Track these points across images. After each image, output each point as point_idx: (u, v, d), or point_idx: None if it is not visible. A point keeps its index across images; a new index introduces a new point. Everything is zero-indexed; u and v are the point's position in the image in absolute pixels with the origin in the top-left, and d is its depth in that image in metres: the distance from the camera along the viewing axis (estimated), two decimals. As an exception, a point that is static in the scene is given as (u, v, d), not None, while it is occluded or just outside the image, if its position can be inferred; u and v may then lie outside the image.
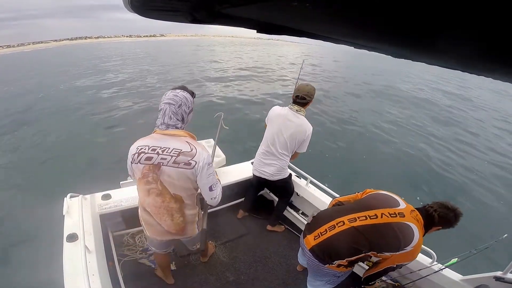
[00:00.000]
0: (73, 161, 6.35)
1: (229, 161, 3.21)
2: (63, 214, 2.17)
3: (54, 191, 3.14)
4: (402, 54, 0.47)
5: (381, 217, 1.58)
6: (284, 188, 2.89)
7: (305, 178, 3.05)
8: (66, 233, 2.01)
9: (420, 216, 1.65)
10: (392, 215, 1.58)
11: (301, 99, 2.37)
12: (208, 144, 3.15)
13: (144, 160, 1.51)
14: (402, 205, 1.66)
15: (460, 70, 0.42)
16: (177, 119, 1.52)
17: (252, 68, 20.30)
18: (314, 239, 1.72)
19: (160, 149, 1.50)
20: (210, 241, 2.77)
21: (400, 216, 1.59)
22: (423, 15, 0.26)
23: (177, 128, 1.53)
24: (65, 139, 7.86)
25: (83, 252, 1.72)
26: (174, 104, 1.48)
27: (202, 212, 2.01)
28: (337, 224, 1.67)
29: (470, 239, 4.25)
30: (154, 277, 2.38)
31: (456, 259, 2.04)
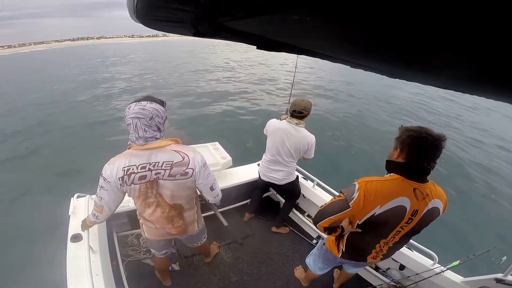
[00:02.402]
0: (82, 160, 6.38)
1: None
2: (69, 214, 2.19)
3: (63, 191, 3.15)
4: (397, 74, 0.48)
5: (402, 228, 1.47)
6: (291, 190, 2.91)
7: (312, 180, 3.07)
8: (70, 233, 2.03)
9: (425, 186, 1.37)
10: (409, 222, 1.42)
11: (299, 113, 2.40)
12: (214, 146, 3.18)
13: (138, 180, 1.40)
14: (407, 203, 1.34)
15: (454, 90, 0.42)
16: (154, 131, 1.38)
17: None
18: (374, 259, 1.70)
19: (149, 165, 1.39)
20: (214, 242, 2.79)
21: (416, 216, 1.39)
22: (418, 38, 0.27)
23: (157, 139, 1.40)
24: (75, 139, 7.94)
25: (87, 252, 1.73)
26: (143, 118, 1.33)
27: (212, 208, 2.03)
28: (380, 247, 1.62)
29: (473, 241, 4.26)
30: (157, 277, 2.40)
31: (458, 261, 2.04)
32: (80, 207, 2.25)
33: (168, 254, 2.14)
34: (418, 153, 1.30)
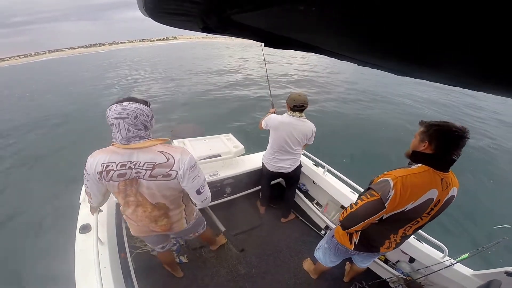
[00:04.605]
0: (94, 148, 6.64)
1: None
2: (79, 202, 2.24)
3: (74, 179, 3.24)
4: (405, 72, 0.49)
5: (422, 219, 1.47)
6: (295, 176, 2.96)
7: (322, 167, 3.09)
8: (80, 223, 2.07)
9: (448, 176, 1.39)
10: (429, 212, 1.43)
11: (300, 107, 2.49)
12: (227, 137, 3.27)
13: (117, 177, 1.35)
14: (435, 194, 1.35)
15: (461, 87, 0.43)
16: (138, 129, 1.32)
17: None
18: (387, 249, 1.70)
19: (130, 163, 1.34)
20: (222, 234, 2.81)
21: (438, 205, 1.41)
22: (425, 37, 0.28)
23: (142, 138, 1.34)
24: (87, 129, 8.29)
25: (95, 244, 1.71)
26: (127, 118, 1.27)
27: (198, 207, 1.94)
28: (394, 237, 1.64)
29: (482, 234, 4.22)
30: (165, 270, 2.42)
31: (468, 254, 2.03)
32: None
33: (170, 248, 2.15)
34: (447, 144, 1.32)
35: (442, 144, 1.32)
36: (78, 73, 27.57)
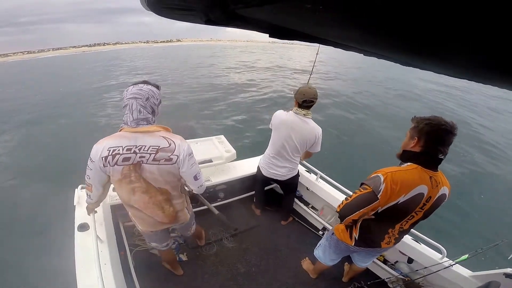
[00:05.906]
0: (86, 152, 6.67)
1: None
2: (74, 204, 2.24)
3: (67, 182, 3.27)
4: (410, 63, 0.48)
5: (416, 214, 1.53)
6: (292, 184, 2.93)
7: (315, 173, 3.11)
8: (77, 223, 2.07)
9: (437, 175, 1.45)
10: (422, 207, 1.50)
11: (309, 103, 2.31)
12: (219, 140, 3.26)
13: (122, 161, 1.41)
14: (425, 190, 1.42)
15: (467, 79, 0.43)
16: (147, 112, 1.43)
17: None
18: (387, 244, 1.74)
19: (135, 147, 1.42)
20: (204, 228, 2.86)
21: (429, 201, 1.47)
22: (430, 26, 0.27)
23: (148, 123, 1.44)
24: (79, 130, 8.34)
25: (95, 241, 1.73)
26: (140, 98, 1.39)
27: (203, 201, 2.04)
28: (392, 232, 1.69)
29: (482, 235, 4.21)
30: (165, 267, 2.44)
31: (467, 255, 2.03)
32: (85, 198, 2.32)
33: (171, 246, 2.18)
34: (435, 140, 1.36)
35: (430, 140, 1.37)
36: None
